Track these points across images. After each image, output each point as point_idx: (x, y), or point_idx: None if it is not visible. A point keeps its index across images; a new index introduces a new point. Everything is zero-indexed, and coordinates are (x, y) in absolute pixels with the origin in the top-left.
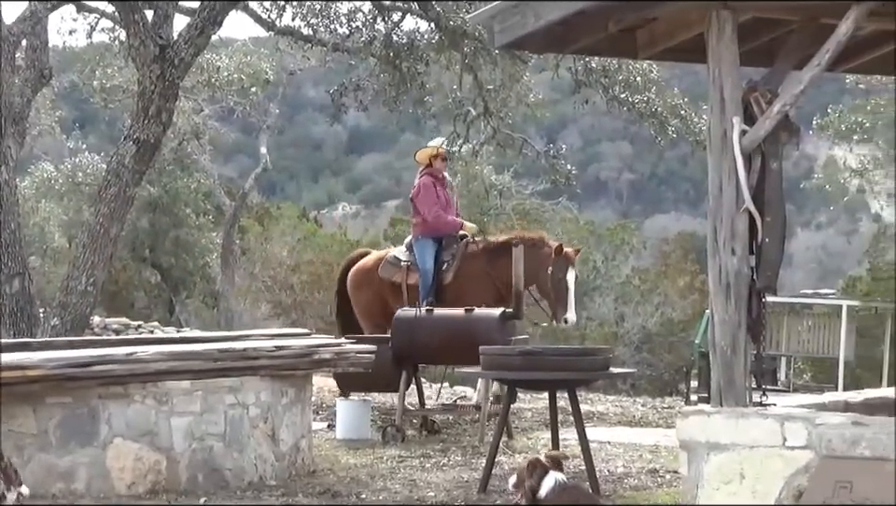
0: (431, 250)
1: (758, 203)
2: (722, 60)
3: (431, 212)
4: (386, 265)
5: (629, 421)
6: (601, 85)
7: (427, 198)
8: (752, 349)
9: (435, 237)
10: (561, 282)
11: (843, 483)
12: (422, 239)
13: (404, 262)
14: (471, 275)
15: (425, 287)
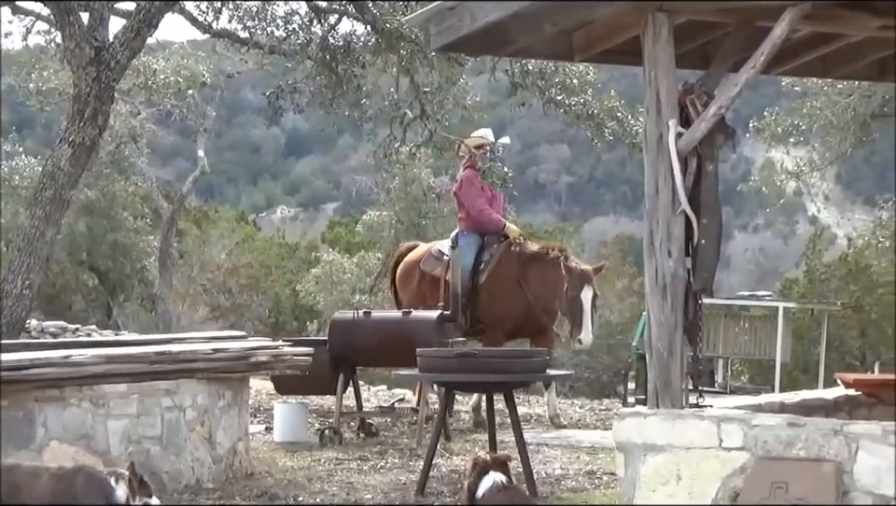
0: (473, 247)
1: (694, 205)
2: (658, 62)
3: (476, 206)
4: (430, 258)
5: (567, 422)
6: (538, 87)
7: (471, 192)
8: (689, 351)
9: (480, 233)
10: (575, 301)
11: (779, 483)
12: (467, 235)
13: (446, 256)
14: (505, 280)
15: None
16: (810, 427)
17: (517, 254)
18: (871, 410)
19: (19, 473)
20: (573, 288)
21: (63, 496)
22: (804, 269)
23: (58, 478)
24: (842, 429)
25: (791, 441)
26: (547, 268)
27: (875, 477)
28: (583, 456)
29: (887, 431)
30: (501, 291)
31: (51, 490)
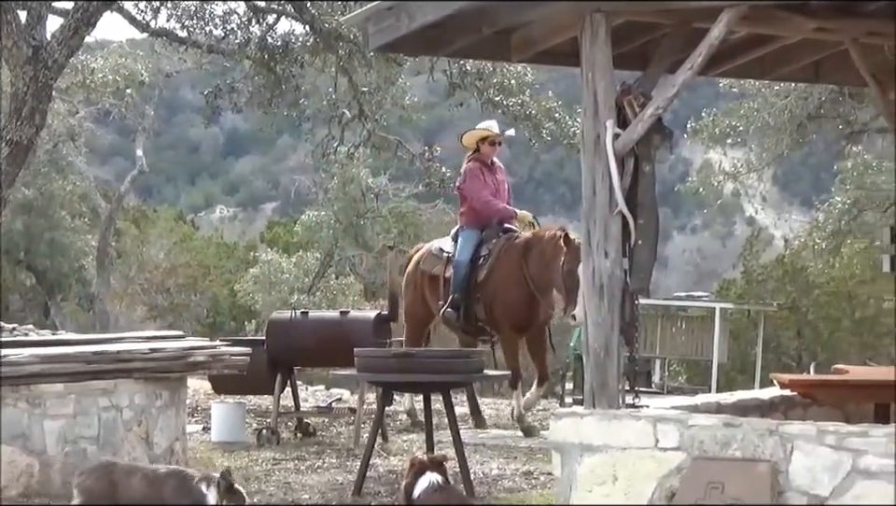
0: (471, 242)
1: (631, 205)
2: (596, 63)
3: (480, 198)
4: (429, 257)
5: (504, 423)
6: (476, 88)
7: (474, 184)
8: (625, 351)
9: (482, 227)
10: (570, 274)
11: (715, 483)
12: (466, 229)
13: (446, 253)
14: (506, 272)
15: (455, 281)
16: (746, 427)
17: (516, 242)
18: (806, 410)
19: (116, 471)
20: (569, 262)
21: (152, 498)
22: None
23: (150, 480)
24: (777, 430)
25: (726, 441)
26: (545, 246)
27: (810, 477)
28: (520, 456)
29: (822, 432)
30: (503, 284)
31: (142, 491)
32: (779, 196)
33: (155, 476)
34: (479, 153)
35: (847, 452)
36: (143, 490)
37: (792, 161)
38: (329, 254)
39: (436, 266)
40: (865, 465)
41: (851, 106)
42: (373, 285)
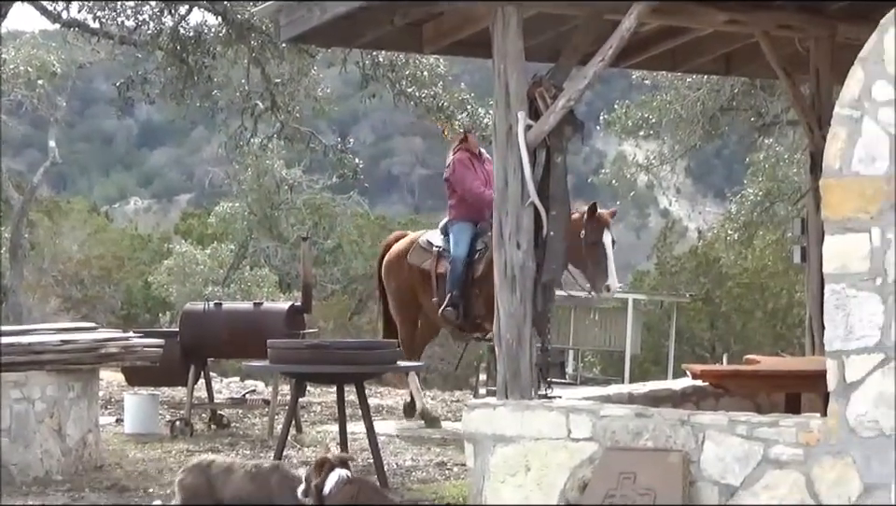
0: (467, 236)
1: (543, 197)
2: (508, 55)
3: (472, 190)
4: (417, 250)
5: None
6: (388, 79)
7: (465, 175)
8: (538, 342)
9: (474, 221)
10: (597, 246)
11: (627, 474)
12: (459, 222)
13: (436, 248)
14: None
15: (452, 277)
16: (658, 417)
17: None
18: (718, 401)
19: (214, 468)
20: (593, 234)
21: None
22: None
23: (253, 476)
24: (689, 420)
25: (638, 431)
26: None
27: (722, 467)
28: (434, 447)
29: (733, 422)
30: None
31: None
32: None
33: (258, 471)
34: (466, 143)
35: (758, 442)
36: (246, 486)
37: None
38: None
39: (426, 261)
40: (776, 454)
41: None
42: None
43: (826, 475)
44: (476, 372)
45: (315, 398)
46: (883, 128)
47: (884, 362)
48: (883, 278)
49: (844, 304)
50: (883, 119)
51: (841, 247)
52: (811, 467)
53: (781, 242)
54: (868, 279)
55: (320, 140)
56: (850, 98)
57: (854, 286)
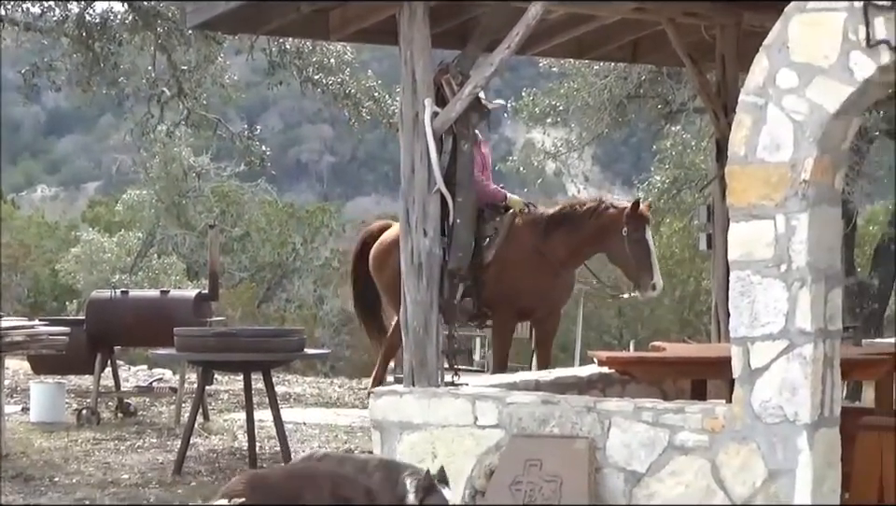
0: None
1: (449, 184)
2: (414, 42)
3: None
4: None
5: (326, 402)
6: (295, 67)
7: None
8: (444, 329)
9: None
10: (640, 243)
11: (533, 460)
12: None
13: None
14: (520, 254)
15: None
16: (564, 404)
17: (532, 220)
18: (624, 387)
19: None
20: (635, 231)
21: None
22: None
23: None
24: (595, 407)
25: (545, 418)
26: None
27: (627, 453)
28: (341, 434)
29: (638, 408)
30: (516, 266)
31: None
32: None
33: (363, 467)
34: None
35: (664, 428)
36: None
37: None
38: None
39: None
40: (681, 441)
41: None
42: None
43: (731, 461)
44: None
45: (223, 386)
46: (787, 115)
47: (788, 349)
48: (787, 265)
49: (749, 291)
50: (787, 106)
51: (746, 234)
52: (716, 453)
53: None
54: (773, 266)
55: (227, 127)
56: (755, 85)
57: (759, 273)
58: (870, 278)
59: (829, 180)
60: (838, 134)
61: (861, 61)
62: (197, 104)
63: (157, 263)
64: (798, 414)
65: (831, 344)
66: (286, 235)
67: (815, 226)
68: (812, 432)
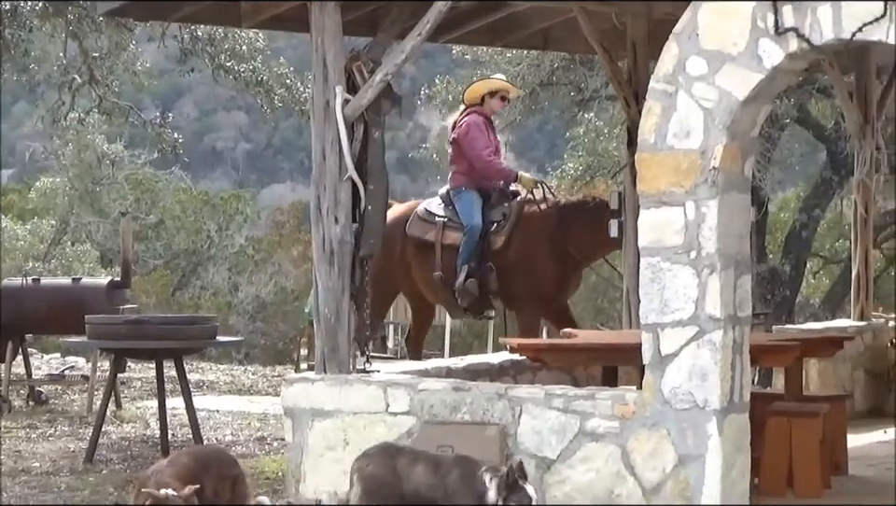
0: (478, 204)
1: (361, 171)
2: (325, 29)
3: (482, 157)
4: (417, 221)
5: (239, 389)
6: (207, 54)
7: (478, 140)
8: (356, 317)
9: (481, 189)
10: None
11: (444, 447)
12: (466, 191)
13: (440, 217)
14: (533, 240)
15: (468, 248)
16: (475, 391)
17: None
18: (536, 374)
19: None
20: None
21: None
22: None
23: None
24: (506, 393)
25: (456, 405)
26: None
27: (538, 440)
28: (254, 422)
29: (549, 395)
30: (529, 255)
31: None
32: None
33: (439, 463)
34: (481, 106)
35: (575, 415)
36: (426, 479)
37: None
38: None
39: (429, 232)
40: (592, 427)
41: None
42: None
43: (641, 447)
44: (297, 347)
45: (136, 373)
46: (697, 102)
47: (698, 335)
48: (697, 252)
49: (659, 278)
50: (697, 93)
51: (656, 221)
52: (627, 439)
53: None
54: (682, 252)
55: (139, 114)
56: (665, 73)
57: (669, 259)
58: (781, 265)
59: (738, 167)
60: (747, 122)
61: (769, 48)
62: (109, 91)
63: (70, 251)
64: (708, 400)
65: (740, 331)
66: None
67: (724, 213)
68: (722, 418)
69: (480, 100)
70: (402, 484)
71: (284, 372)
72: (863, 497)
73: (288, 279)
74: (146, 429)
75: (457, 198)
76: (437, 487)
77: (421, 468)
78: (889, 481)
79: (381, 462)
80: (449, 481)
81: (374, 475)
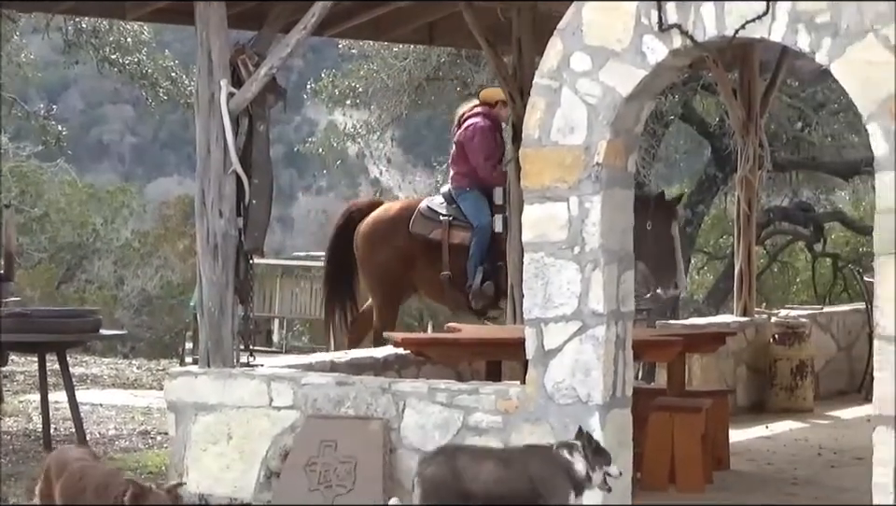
0: (485, 203)
1: (245, 165)
2: (210, 22)
3: (486, 166)
4: (420, 219)
5: (123, 383)
6: (92, 46)
7: (484, 146)
8: (240, 310)
9: (484, 189)
10: (664, 239)
11: (328, 441)
12: (470, 191)
13: (444, 216)
14: None
15: (481, 249)
16: (359, 385)
17: None
18: (420, 369)
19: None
20: (661, 224)
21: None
22: None
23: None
24: (390, 388)
25: (339, 399)
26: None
27: (422, 434)
28: (138, 416)
29: (433, 389)
30: None
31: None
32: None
33: (509, 456)
34: (492, 109)
35: (458, 409)
36: (498, 474)
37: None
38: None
39: (434, 230)
40: (475, 422)
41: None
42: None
43: (524, 442)
44: (182, 341)
45: (19, 367)
46: (581, 98)
47: (581, 330)
48: (581, 247)
49: (542, 273)
50: (581, 89)
51: (540, 216)
52: (510, 433)
53: None
54: (566, 248)
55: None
56: (549, 69)
57: (552, 254)
58: None
59: (622, 163)
60: (631, 117)
61: (653, 45)
62: None
63: None
64: (591, 395)
65: (623, 326)
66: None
67: (608, 208)
68: (604, 413)
69: (494, 103)
70: (465, 483)
71: (169, 365)
72: (745, 491)
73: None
74: (28, 424)
75: (462, 198)
76: (515, 480)
77: (489, 464)
78: (770, 475)
79: (441, 463)
80: (532, 470)
81: (434, 477)
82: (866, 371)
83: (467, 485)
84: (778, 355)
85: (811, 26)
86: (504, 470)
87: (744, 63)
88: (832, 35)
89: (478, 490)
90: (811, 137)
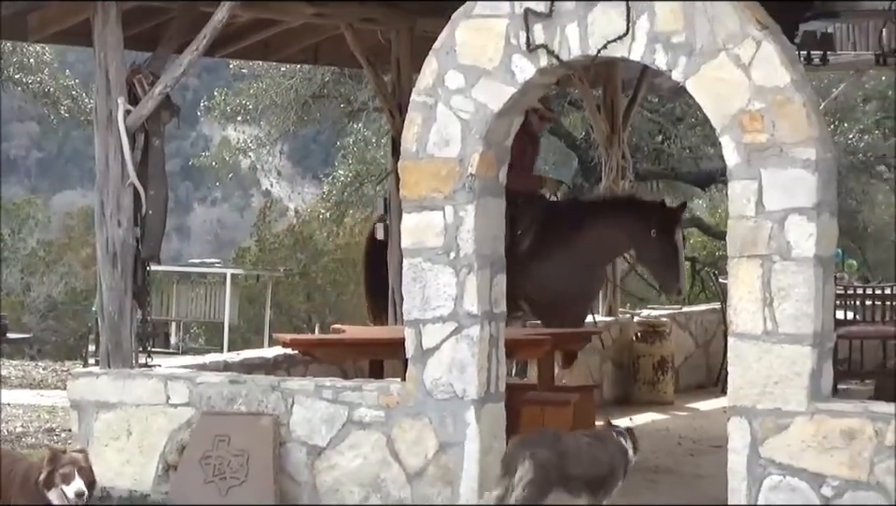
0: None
1: (142, 178)
2: (108, 44)
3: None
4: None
5: (30, 384)
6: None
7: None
8: (138, 314)
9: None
10: (668, 245)
11: (222, 436)
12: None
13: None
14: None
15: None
16: (250, 383)
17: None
18: (308, 367)
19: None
20: (665, 230)
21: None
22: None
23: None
24: (279, 386)
25: (232, 397)
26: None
27: (309, 428)
28: (44, 414)
29: (319, 387)
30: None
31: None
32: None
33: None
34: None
35: (343, 405)
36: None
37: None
38: None
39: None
40: (359, 416)
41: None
42: None
43: (405, 435)
44: (86, 343)
45: None
46: (455, 113)
47: (457, 330)
48: (456, 253)
49: (420, 277)
50: (455, 105)
51: (417, 224)
52: (391, 427)
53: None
54: (442, 253)
55: None
56: (426, 86)
57: (430, 260)
58: None
59: (494, 174)
60: (502, 131)
61: (522, 64)
62: None
63: None
64: (466, 391)
65: (496, 326)
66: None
67: (481, 216)
68: (479, 407)
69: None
70: (569, 466)
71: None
72: None
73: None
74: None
75: None
76: (603, 463)
77: (585, 448)
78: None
79: (550, 446)
80: (611, 453)
81: (546, 460)
82: (722, 365)
83: (570, 468)
84: (641, 352)
85: (668, 46)
86: (595, 453)
87: (607, 80)
88: (687, 55)
89: (577, 472)
90: (670, 149)
